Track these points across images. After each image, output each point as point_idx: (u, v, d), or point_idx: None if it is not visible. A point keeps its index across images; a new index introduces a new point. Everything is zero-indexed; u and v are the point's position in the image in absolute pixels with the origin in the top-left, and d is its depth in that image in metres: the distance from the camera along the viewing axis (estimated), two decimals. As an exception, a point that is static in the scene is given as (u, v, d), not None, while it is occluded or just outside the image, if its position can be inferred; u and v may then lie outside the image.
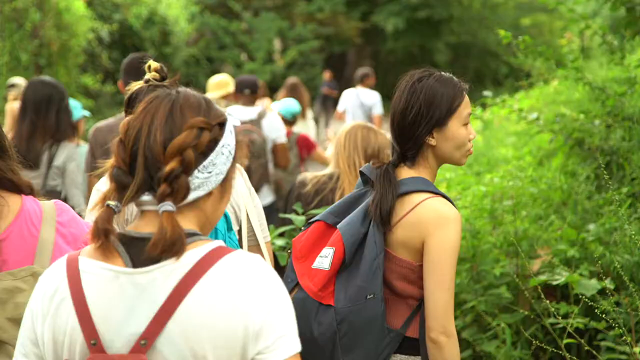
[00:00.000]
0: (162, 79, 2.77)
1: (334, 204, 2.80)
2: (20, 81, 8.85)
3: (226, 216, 2.66)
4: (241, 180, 2.87)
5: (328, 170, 4.48)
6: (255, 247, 2.93)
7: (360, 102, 10.80)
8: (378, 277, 2.59)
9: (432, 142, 2.70)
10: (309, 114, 10.12)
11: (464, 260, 4.93)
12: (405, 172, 2.75)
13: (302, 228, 2.82)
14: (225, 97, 7.59)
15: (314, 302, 2.62)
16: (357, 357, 2.61)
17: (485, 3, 27.30)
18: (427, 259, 2.61)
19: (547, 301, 3.83)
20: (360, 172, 2.81)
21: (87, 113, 6.45)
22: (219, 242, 1.76)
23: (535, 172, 5.68)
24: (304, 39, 22.69)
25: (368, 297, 2.58)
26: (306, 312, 2.62)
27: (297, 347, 1.72)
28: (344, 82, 26.81)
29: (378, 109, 10.83)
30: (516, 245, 4.55)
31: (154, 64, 2.76)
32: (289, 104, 7.75)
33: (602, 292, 4.20)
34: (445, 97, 2.69)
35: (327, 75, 19.83)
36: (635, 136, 5.12)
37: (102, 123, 5.14)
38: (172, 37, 16.74)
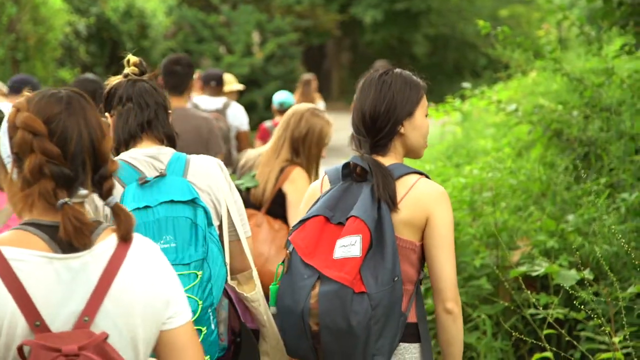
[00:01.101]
0: (142, 73, 2.76)
1: (324, 199, 2.79)
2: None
3: (206, 211, 2.63)
4: (221, 175, 2.84)
5: (265, 147, 4.56)
6: (236, 242, 2.88)
7: None
8: (398, 259, 2.66)
9: (402, 130, 2.81)
10: (320, 105, 10.31)
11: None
12: (381, 161, 2.80)
13: (294, 227, 2.80)
14: (228, 94, 8.11)
15: (347, 291, 2.59)
16: (385, 343, 2.64)
17: (464, -5, 27.35)
18: (433, 234, 2.71)
19: (528, 292, 3.85)
20: (345, 164, 2.84)
21: None
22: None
23: (514, 163, 5.70)
24: (283, 32, 22.59)
25: (395, 279, 2.63)
26: (342, 302, 2.59)
27: (191, 313, 2.04)
28: (322, 74, 26.78)
29: None
30: (496, 237, 4.57)
31: (133, 58, 2.74)
32: (280, 96, 8.11)
33: (581, 282, 4.22)
34: (413, 88, 2.84)
35: None
36: (613, 127, 5.15)
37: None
38: (150, 31, 16.63)
